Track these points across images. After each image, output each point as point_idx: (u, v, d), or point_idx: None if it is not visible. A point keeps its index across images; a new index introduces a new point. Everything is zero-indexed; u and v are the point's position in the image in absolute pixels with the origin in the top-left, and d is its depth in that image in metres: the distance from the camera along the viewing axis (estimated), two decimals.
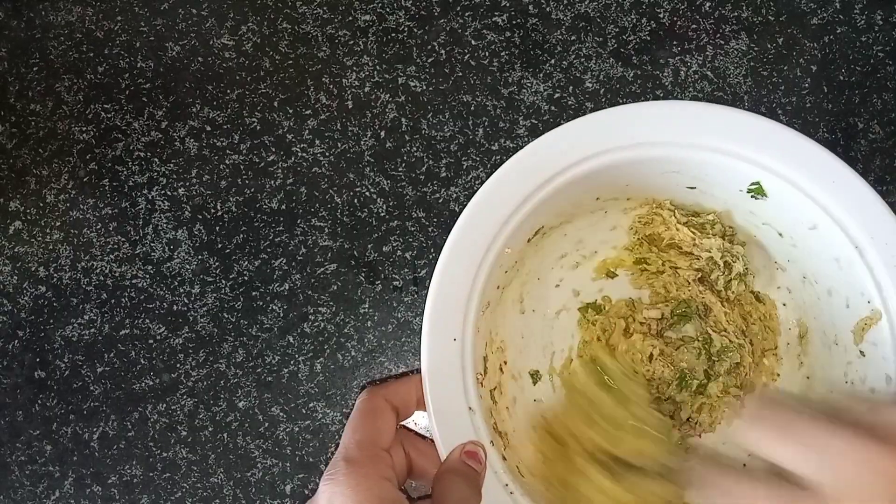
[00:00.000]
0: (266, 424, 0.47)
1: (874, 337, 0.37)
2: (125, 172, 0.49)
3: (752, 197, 0.39)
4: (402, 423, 0.42)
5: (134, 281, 0.48)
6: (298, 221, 0.48)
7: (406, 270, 0.48)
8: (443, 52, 0.49)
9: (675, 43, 0.49)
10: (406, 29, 0.49)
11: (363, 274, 0.48)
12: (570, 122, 0.38)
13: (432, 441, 0.37)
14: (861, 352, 0.38)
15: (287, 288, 0.48)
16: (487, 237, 0.38)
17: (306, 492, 0.47)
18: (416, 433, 0.44)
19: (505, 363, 0.43)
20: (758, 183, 0.38)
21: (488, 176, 0.38)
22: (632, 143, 0.38)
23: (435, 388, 0.36)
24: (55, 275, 0.48)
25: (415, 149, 0.48)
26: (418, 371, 0.37)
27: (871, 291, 0.37)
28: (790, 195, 0.37)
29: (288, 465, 0.47)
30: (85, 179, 0.49)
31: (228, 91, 0.49)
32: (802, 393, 0.43)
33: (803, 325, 0.43)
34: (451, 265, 0.37)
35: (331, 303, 0.48)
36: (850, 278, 0.38)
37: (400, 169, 0.48)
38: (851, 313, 0.38)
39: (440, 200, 0.48)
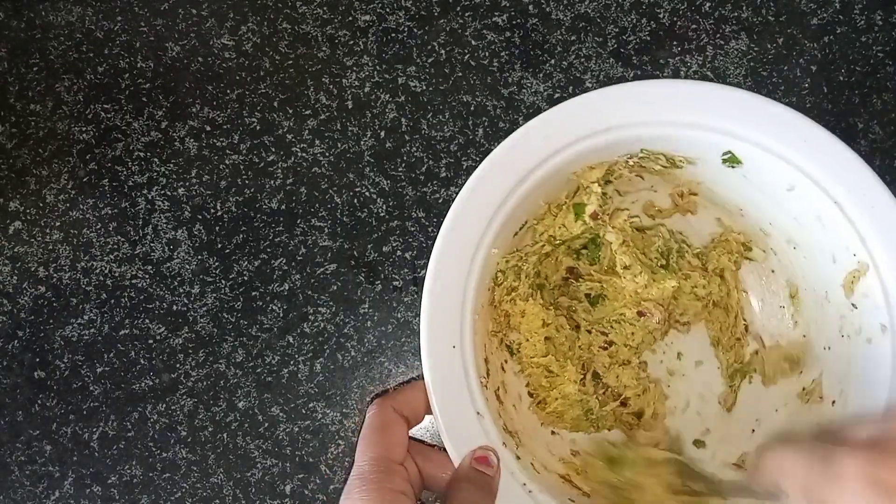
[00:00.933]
0: (266, 424, 0.47)
1: (864, 288, 0.37)
2: (125, 172, 0.49)
3: (728, 166, 0.39)
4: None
5: (134, 281, 0.48)
6: (298, 221, 0.48)
7: (406, 270, 0.48)
8: (443, 52, 0.49)
9: (675, 43, 0.49)
10: (406, 29, 0.49)
11: (363, 274, 0.48)
12: (542, 114, 0.38)
13: (440, 448, 0.37)
14: (853, 304, 0.38)
15: (287, 288, 0.48)
16: (473, 239, 0.38)
17: (306, 492, 0.47)
18: (423, 442, 0.44)
19: (506, 361, 0.43)
20: (730, 152, 0.39)
21: None
22: (606, 126, 0.38)
23: (441, 397, 0.36)
24: (55, 275, 0.48)
25: (415, 149, 0.48)
26: (423, 375, 0.37)
27: (856, 244, 0.37)
28: (763, 160, 0.38)
29: (288, 465, 0.47)
30: (85, 179, 0.49)
31: (228, 91, 0.49)
32: (811, 425, 0.43)
33: (793, 285, 0.43)
34: (441, 273, 0.37)
35: (331, 303, 0.48)
36: (834, 234, 0.38)
37: (400, 169, 0.48)
38: (839, 268, 0.39)
39: (440, 200, 0.48)
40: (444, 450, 0.37)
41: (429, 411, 0.38)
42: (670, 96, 0.38)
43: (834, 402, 0.39)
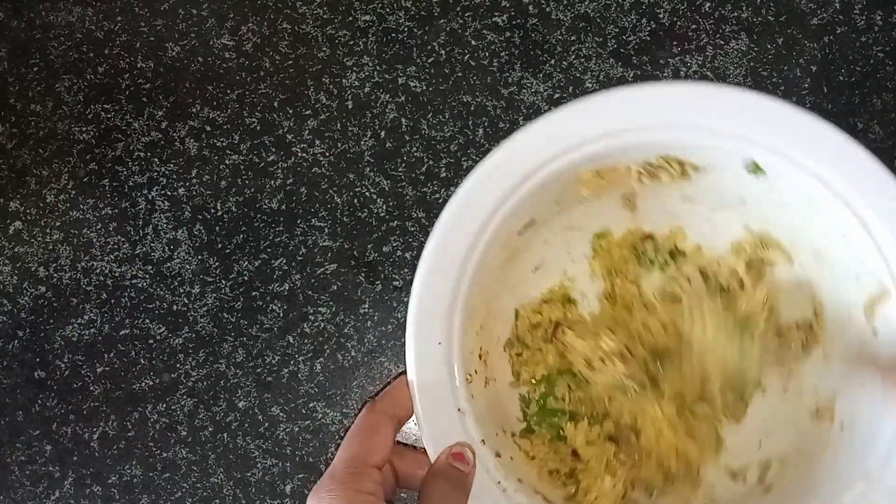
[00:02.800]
0: (266, 424, 0.47)
1: (884, 314, 0.37)
2: (125, 172, 0.49)
3: (752, 176, 0.38)
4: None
5: (134, 281, 0.48)
6: (298, 221, 0.48)
7: (406, 270, 0.48)
8: (443, 52, 0.49)
9: (675, 43, 0.49)
10: (406, 29, 0.49)
11: (363, 274, 0.48)
12: (555, 110, 0.37)
13: (415, 447, 0.37)
14: (874, 330, 0.38)
15: (287, 288, 0.48)
16: (472, 232, 0.37)
17: (306, 492, 0.47)
18: (400, 442, 0.44)
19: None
20: (753, 161, 0.37)
21: None
22: (620, 128, 0.37)
23: (423, 394, 0.36)
24: (55, 275, 0.48)
25: (415, 149, 0.49)
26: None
27: (880, 267, 0.36)
28: (790, 171, 0.36)
29: (288, 465, 0.47)
30: (85, 179, 0.49)
31: (228, 91, 0.49)
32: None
33: (818, 302, 0.42)
34: (433, 269, 0.37)
35: (331, 303, 0.48)
36: (859, 254, 0.37)
37: (400, 169, 0.48)
38: (861, 289, 0.38)
39: (440, 200, 0.48)
40: (420, 449, 0.37)
41: None
42: (694, 100, 0.36)
43: (843, 426, 0.39)
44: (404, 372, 0.37)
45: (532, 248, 0.43)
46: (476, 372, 0.39)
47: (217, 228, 0.48)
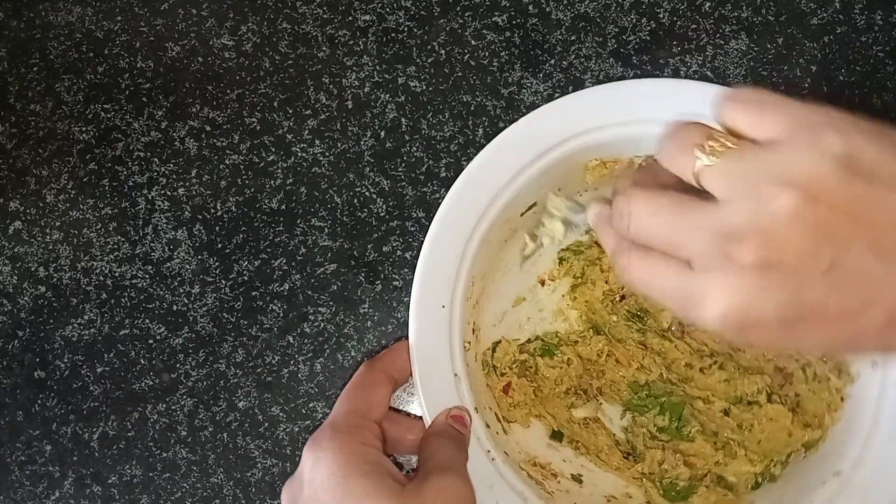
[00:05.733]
0: (266, 424, 0.47)
1: None
2: (125, 172, 0.49)
3: None
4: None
5: (134, 281, 0.48)
6: (298, 221, 0.48)
7: (406, 270, 0.48)
8: (443, 52, 0.49)
9: (675, 43, 0.49)
10: (406, 29, 0.49)
11: (363, 274, 0.48)
12: (562, 98, 0.38)
13: (407, 413, 0.38)
14: None
15: (287, 288, 0.48)
16: (481, 206, 0.38)
17: None
18: (391, 407, 0.44)
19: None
20: None
21: None
22: (628, 119, 0.38)
23: (422, 354, 0.37)
24: (55, 275, 0.48)
25: (415, 149, 0.49)
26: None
27: None
28: None
29: (288, 465, 0.47)
30: (85, 179, 0.49)
31: (228, 91, 0.49)
32: None
33: None
34: (442, 234, 0.38)
35: (331, 303, 0.48)
36: None
37: (400, 169, 0.48)
38: None
39: (440, 200, 0.48)
40: (410, 414, 0.37)
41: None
42: (688, 96, 0.37)
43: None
44: (404, 338, 0.37)
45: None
46: (470, 344, 0.39)
47: (217, 228, 0.48)
